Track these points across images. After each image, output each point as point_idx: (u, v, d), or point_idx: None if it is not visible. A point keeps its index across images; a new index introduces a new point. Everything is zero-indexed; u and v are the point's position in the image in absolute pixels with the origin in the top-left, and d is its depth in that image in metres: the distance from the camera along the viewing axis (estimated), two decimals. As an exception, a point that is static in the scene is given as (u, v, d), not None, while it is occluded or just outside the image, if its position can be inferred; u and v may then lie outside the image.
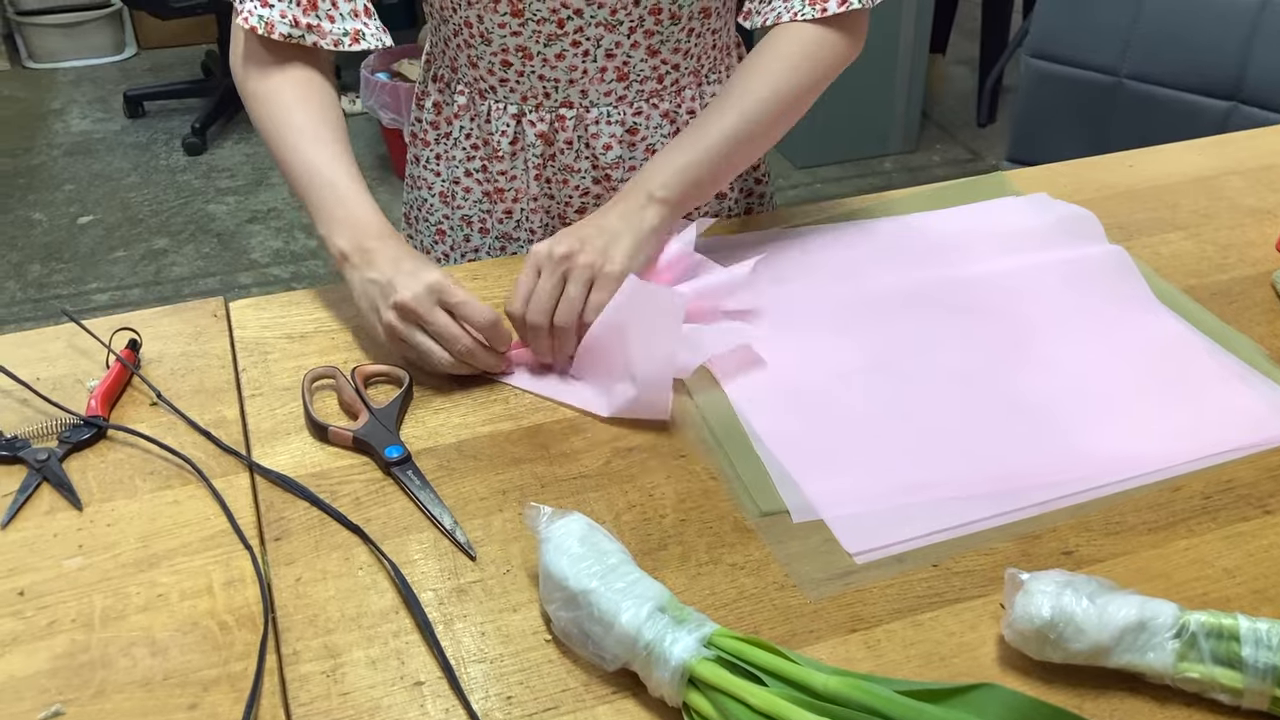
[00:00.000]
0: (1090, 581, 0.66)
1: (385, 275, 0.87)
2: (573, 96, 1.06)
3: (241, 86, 1.00)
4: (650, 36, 1.04)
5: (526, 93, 1.06)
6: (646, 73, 1.06)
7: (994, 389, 0.89)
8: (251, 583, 0.72)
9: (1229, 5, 1.65)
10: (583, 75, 1.05)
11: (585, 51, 1.03)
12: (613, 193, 1.11)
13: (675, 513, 0.78)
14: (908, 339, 0.94)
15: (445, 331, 0.86)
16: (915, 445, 0.83)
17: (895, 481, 0.80)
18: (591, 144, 1.09)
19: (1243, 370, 0.90)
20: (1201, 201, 1.15)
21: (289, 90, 0.97)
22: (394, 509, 0.78)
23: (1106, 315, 0.97)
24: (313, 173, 0.94)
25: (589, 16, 1.01)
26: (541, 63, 1.04)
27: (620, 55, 1.04)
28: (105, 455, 0.83)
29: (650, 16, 1.02)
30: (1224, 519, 0.78)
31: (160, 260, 3.02)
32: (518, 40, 1.03)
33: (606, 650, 0.65)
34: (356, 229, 0.91)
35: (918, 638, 0.69)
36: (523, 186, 1.13)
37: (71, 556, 0.75)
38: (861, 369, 0.91)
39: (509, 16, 1.01)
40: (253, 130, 3.77)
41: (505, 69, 1.05)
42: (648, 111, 1.09)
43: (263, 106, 0.98)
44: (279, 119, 0.96)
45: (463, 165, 1.15)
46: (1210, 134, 1.36)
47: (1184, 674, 0.64)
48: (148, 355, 0.92)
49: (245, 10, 0.97)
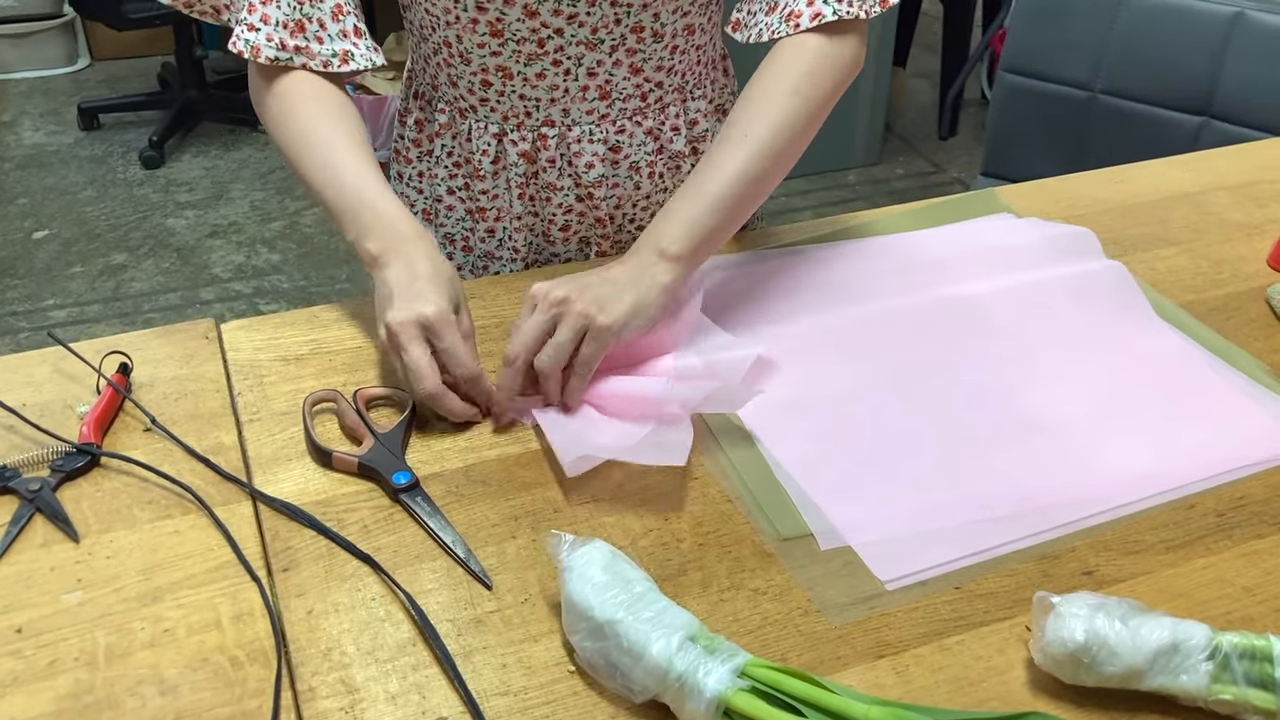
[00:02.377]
0: (1121, 604, 0.66)
1: (393, 289, 0.85)
2: (554, 115, 1.05)
3: (260, 112, 0.98)
4: (633, 55, 1.02)
5: (507, 112, 1.05)
6: (629, 91, 1.05)
7: (1007, 409, 0.88)
8: (261, 616, 0.70)
9: (1200, 21, 1.67)
10: (564, 94, 1.04)
11: (566, 70, 1.02)
12: (596, 210, 1.10)
13: (693, 537, 0.77)
14: (917, 360, 0.93)
15: (414, 367, 0.82)
16: (933, 468, 0.83)
17: (917, 505, 0.79)
18: (574, 162, 1.08)
19: (1247, 386, 0.91)
20: (1191, 217, 1.16)
21: (304, 107, 0.95)
22: (404, 537, 0.76)
23: (1112, 332, 0.97)
24: (340, 182, 0.91)
25: (569, 36, 0.99)
26: (522, 82, 1.03)
27: (602, 74, 1.03)
28: (100, 484, 0.80)
29: (632, 35, 1.01)
30: (1239, 537, 0.78)
31: (119, 276, 2.96)
32: (497, 60, 1.01)
33: (635, 682, 0.64)
34: (386, 233, 0.88)
35: (945, 662, 0.68)
36: (505, 205, 1.12)
37: (70, 591, 0.72)
38: (873, 392, 0.90)
39: (488, 36, 1.00)
40: (211, 143, 3.75)
41: (485, 89, 1.04)
42: (630, 129, 1.07)
43: (283, 129, 0.95)
44: (299, 138, 0.94)
45: (445, 183, 1.13)
46: (1183, 148, 1.37)
47: (1217, 696, 0.63)
48: (138, 379, 0.90)
49: (234, 36, 0.95)
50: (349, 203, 0.90)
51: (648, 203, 1.13)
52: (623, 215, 1.14)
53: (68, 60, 4.22)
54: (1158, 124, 1.73)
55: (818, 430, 0.86)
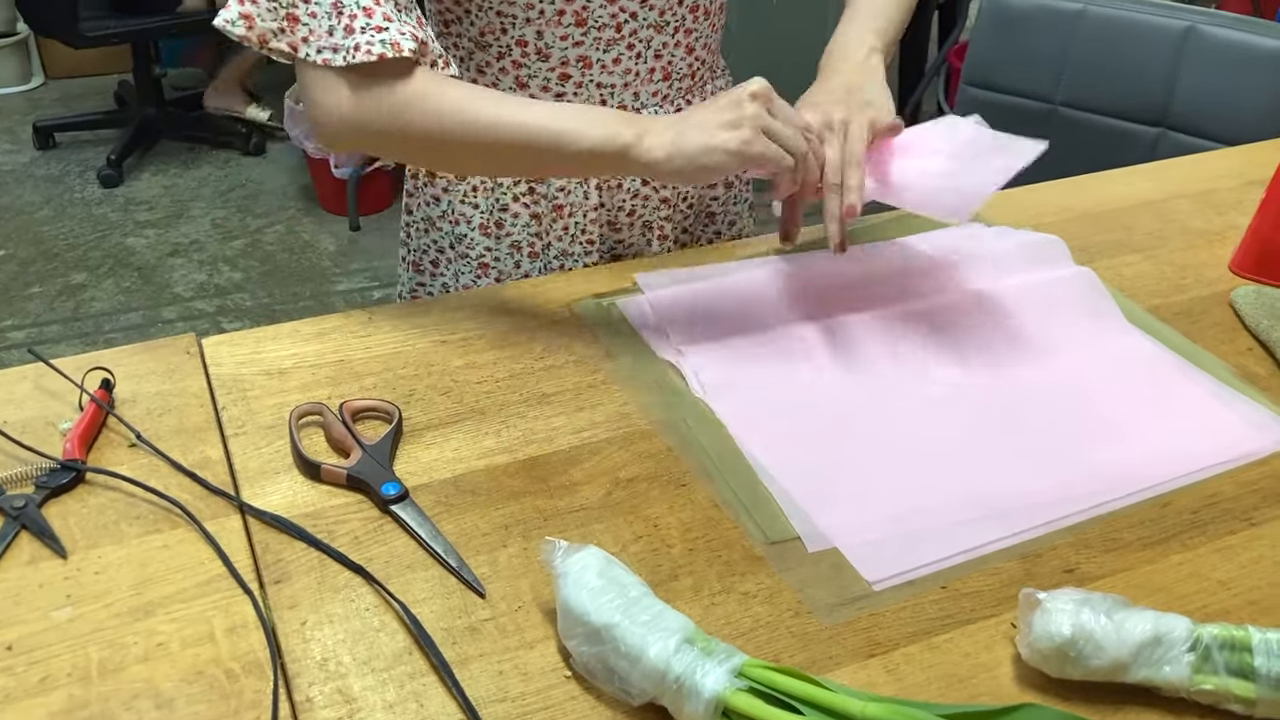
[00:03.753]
0: (1105, 599, 0.67)
1: (702, 106, 0.89)
2: (626, 99, 1.11)
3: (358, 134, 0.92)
4: (689, 35, 1.10)
5: (583, 103, 1.09)
6: (684, 70, 1.13)
7: (985, 412, 0.90)
8: (255, 628, 0.70)
9: (1154, 36, 1.71)
10: (635, 78, 1.10)
11: (638, 54, 1.08)
12: (661, 191, 1.16)
13: (683, 542, 0.77)
14: (895, 366, 0.95)
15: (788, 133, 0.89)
16: (915, 471, 0.84)
17: (901, 507, 0.80)
18: None
19: (1215, 387, 0.93)
20: (1154, 224, 1.19)
21: (446, 88, 0.91)
22: (395, 547, 0.77)
23: (1084, 336, 0.99)
24: (547, 119, 0.90)
25: (642, 19, 1.06)
26: (600, 69, 1.08)
27: (666, 55, 1.10)
28: (86, 500, 0.80)
29: (690, 15, 1.09)
30: (1213, 532, 0.80)
31: (79, 295, 2.93)
32: (579, 50, 1.06)
33: (633, 685, 0.64)
34: (620, 120, 0.90)
35: (935, 660, 0.69)
36: (579, 199, 1.14)
37: (60, 607, 0.71)
38: (853, 396, 0.91)
39: (573, 27, 1.04)
40: (171, 161, 3.71)
41: (563, 82, 1.08)
42: (682, 106, 1.14)
43: (422, 119, 0.90)
44: (461, 115, 0.90)
45: (510, 190, 1.14)
46: (1141, 159, 1.40)
47: (1199, 686, 0.65)
48: (121, 395, 0.89)
49: (354, 46, 0.88)
50: (567, 129, 0.89)
51: None
52: (677, 194, 1.19)
53: (22, 79, 4.18)
54: (1116, 135, 1.77)
55: (800, 435, 0.87)
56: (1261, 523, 0.81)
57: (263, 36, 0.89)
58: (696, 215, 1.24)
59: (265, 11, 0.89)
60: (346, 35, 0.89)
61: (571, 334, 0.99)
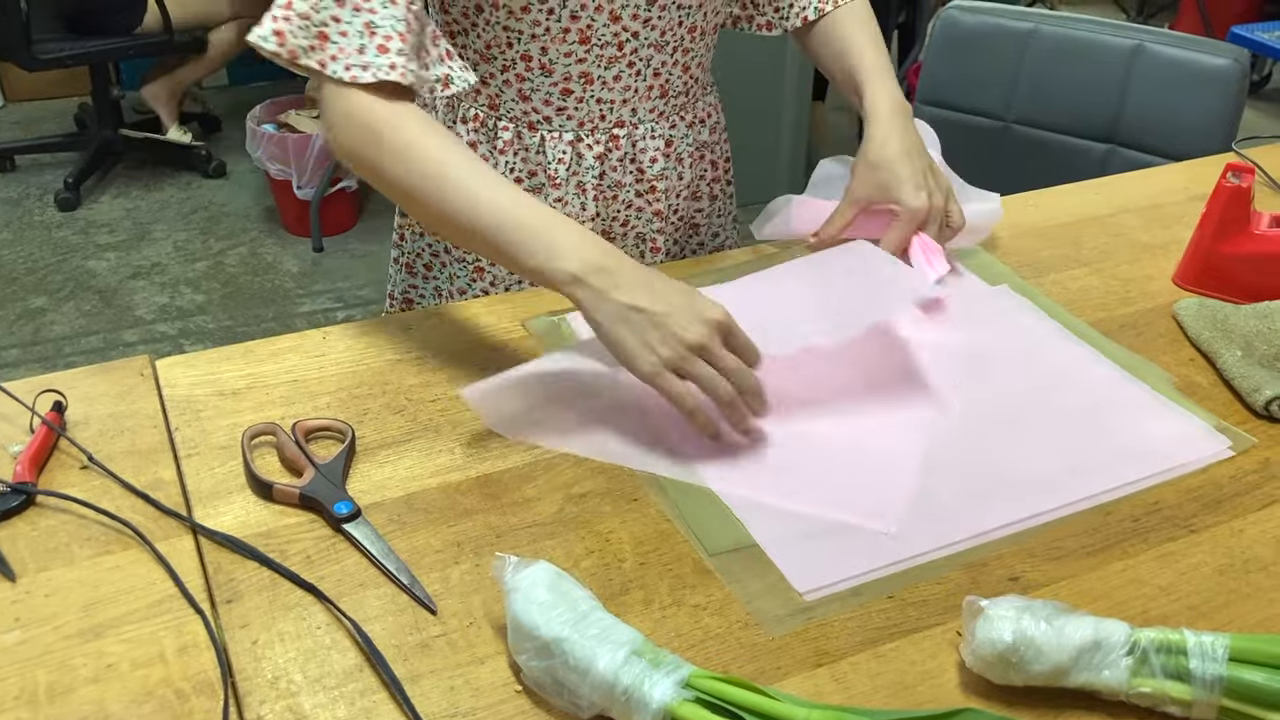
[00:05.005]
0: (1046, 605, 0.69)
1: (655, 306, 0.84)
2: (624, 116, 1.13)
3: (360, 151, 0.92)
4: (687, 54, 1.13)
5: (583, 118, 1.12)
6: (679, 87, 1.16)
7: (928, 425, 0.91)
8: (206, 648, 0.70)
9: (1104, 55, 1.74)
10: (634, 94, 1.12)
11: (638, 71, 1.11)
12: (655, 204, 1.19)
13: (634, 556, 0.78)
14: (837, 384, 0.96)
15: (739, 369, 0.85)
16: (854, 483, 0.85)
17: (836, 519, 0.82)
18: (639, 159, 1.17)
19: (1155, 399, 0.95)
20: (1102, 238, 1.22)
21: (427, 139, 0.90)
22: (347, 566, 0.77)
23: (1026, 349, 1.01)
24: (500, 211, 0.87)
25: (643, 38, 1.09)
26: (601, 86, 1.10)
27: (664, 73, 1.13)
28: (36, 523, 0.79)
29: (688, 35, 1.12)
30: (1154, 540, 0.81)
31: (38, 319, 2.91)
32: (581, 67, 1.08)
33: (582, 698, 0.65)
34: (579, 249, 0.86)
35: (882, 668, 0.71)
36: (576, 210, 1.16)
37: (8, 630, 0.71)
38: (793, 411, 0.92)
39: (576, 44, 1.06)
40: (132, 184, 3.69)
41: (565, 97, 1.10)
42: (677, 123, 1.18)
43: (401, 163, 0.90)
44: (432, 171, 0.89)
45: None
46: (1092, 174, 1.43)
47: (1137, 689, 0.67)
48: (74, 417, 0.89)
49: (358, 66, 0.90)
50: (525, 229, 0.87)
51: (688, 190, 1.24)
52: (669, 206, 1.22)
53: (-20, 102, 4.14)
54: (1067, 151, 1.80)
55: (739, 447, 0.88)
56: (1201, 529, 0.82)
57: (293, 53, 0.91)
58: (683, 227, 1.27)
59: (298, 29, 0.90)
60: (380, 54, 0.90)
61: (526, 351, 1.00)
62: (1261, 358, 0.99)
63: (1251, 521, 0.83)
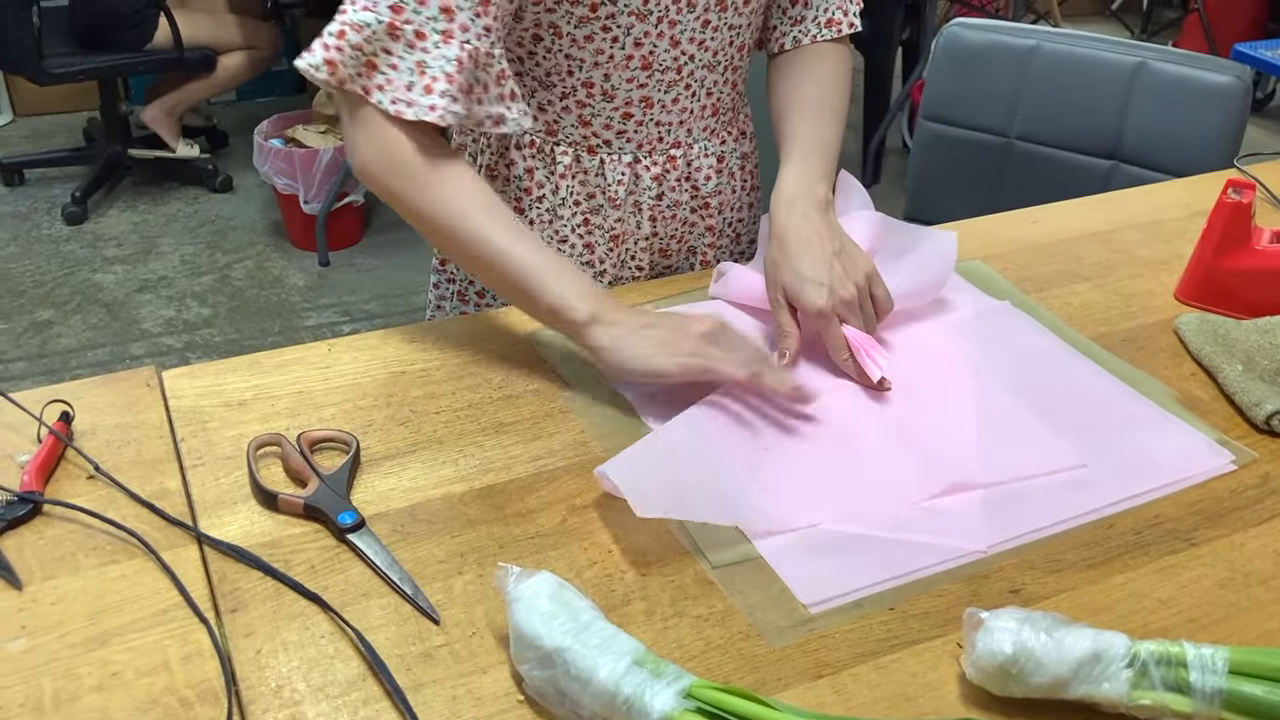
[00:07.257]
0: (1046, 617, 0.69)
1: (660, 321, 0.93)
2: (680, 136, 1.16)
3: (383, 179, 0.96)
4: (735, 72, 1.17)
5: (643, 140, 1.14)
6: (727, 104, 1.19)
7: (929, 440, 0.92)
8: (210, 657, 0.71)
9: (1107, 72, 1.75)
10: (689, 115, 1.15)
11: (693, 93, 1.14)
12: (709, 219, 1.22)
13: (636, 568, 0.79)
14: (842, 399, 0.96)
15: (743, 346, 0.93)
16: (858, 496, 0.86)
17: (840, 533, 0.82)
18: (694, 177, 1.20)
19: (1157, 413, 0.96)
20: (1103, 254, 1.22)
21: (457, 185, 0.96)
22: (351, 575, 0.77)
23: (1027, 364, 1.01)
24: (524, 261, 0.94)
25: (699, 60, 1.11)
26: (660, 109, 1.13)
27: (717, 92, 1.16)
28: (43, 532, 0.80)
29: (737, 54, 1.15)
30: (1155, 553, 0.82)
31: (45, 332, 2.92)
32: (643, 92, 1.10)
33: (584, 707, 0.65)
34: (593, 297, 0.93)
35: (882, 680, 0.71)
36: (632, 228, 1.19)
37: (14, 639, 0.72)
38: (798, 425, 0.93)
39: (639, 70, 1.09)
40: (139, 198, 3.71)
41: (625, 121, 1.12)
42: (726, 139, 1.21)
43: (432, 203, 0.95)
44: (461, 214, 0.95)
45: (569, 223, 1.17)
46: (1094, 191, 1.44)
47: (1137, 701, 0.67)
48: (80, 428, 0.90)
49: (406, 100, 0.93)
50: (546, 277, 0.93)
51: (738, 202, 1.28)
52: (723, 219, 1.26)
53: (-10, 116, 4.17)
54: (1070, 168, 1.81)
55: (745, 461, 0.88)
56: (1202, 543, 0.83)
57: (341, 80, 0.94)
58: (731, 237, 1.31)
59: (349, 59, 0.93)
60: (425, 94, 0.92)
61: (531, 364, 1.00)
62: (1262, 372, 0.99)
63: (1252, 535, 0.84)
